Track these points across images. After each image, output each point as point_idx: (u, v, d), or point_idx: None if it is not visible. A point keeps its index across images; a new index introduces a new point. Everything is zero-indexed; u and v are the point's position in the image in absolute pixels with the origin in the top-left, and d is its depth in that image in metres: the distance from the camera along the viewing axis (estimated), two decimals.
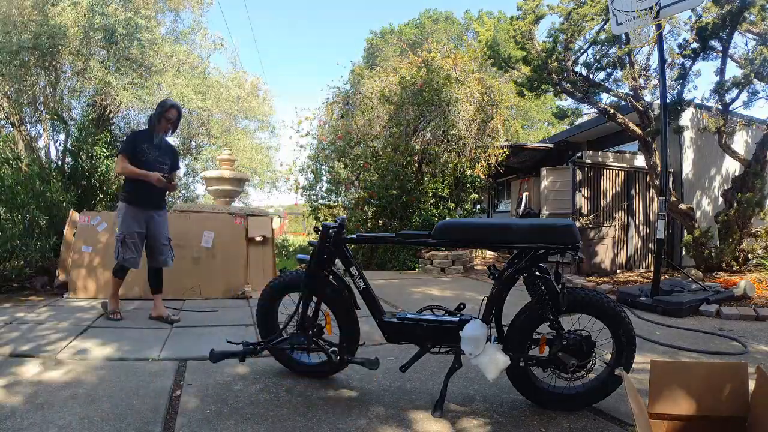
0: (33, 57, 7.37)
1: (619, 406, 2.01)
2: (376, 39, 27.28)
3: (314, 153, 9.31)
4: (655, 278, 4.38)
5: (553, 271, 1.96)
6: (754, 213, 5.68)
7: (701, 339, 3.24)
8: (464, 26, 26.66)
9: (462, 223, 2.31)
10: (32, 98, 8.31)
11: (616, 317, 1.94)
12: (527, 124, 23.80)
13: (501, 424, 1.90)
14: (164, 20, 11.25)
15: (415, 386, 2.29)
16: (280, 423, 1.85)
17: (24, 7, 7.80)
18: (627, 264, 7.28)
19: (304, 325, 2.24)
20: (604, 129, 8.31)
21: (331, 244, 2.19)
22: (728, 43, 5.62)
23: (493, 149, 8.61)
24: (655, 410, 1.37)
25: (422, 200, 7.97)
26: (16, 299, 4.15)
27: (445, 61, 8.55)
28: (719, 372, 1.39)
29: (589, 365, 1.96)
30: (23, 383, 2.19)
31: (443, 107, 8.03)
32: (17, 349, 2.67)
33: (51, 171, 5.72)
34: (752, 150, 5.91)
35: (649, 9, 4.30)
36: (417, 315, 2.17)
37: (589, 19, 6.06)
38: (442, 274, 6.78)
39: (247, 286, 4.67)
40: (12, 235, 4.42)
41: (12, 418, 1.83)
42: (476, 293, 4.89)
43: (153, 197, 3.49)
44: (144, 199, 3.44)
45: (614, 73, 6.60)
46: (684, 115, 6.67)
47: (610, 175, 7.28)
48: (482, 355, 1.90)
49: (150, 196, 3.46)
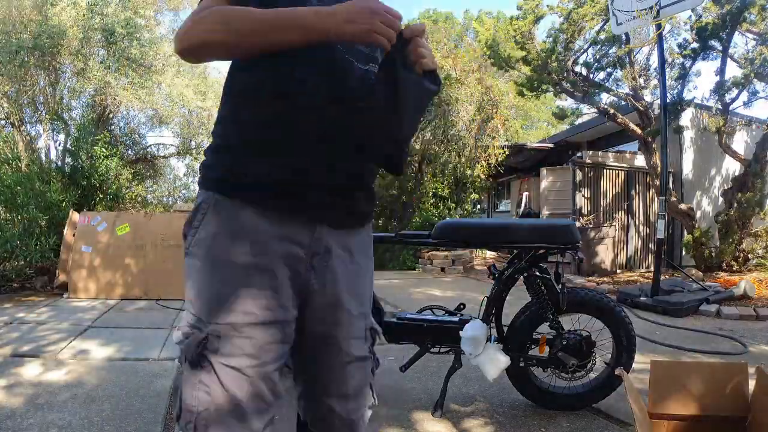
0: (33, 57, 7.36)
1: (619, 406, 2.01)
2: None
3: None
4: (655, 278, 4.38)
5: (553, 271, 1.96)
6: (754, 213, 5.68)
7: (701, 339, 3.24)
8: (464, 26, 26.65)
9: (462, 223, 2.31)
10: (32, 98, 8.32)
11: (616, 317, 1.94)
12: (527, 124, 23.80)
13: (501, 424, 1.90)
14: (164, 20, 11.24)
15: (415, 386, 2.29)
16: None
17: (24, 7, 7.80)
18: (627, 264, 7.27)
19: None
20: (604, 129, 8.31)
21: None
22: (728, 43, 5.62)
23: (493, 149, 8.61)
24: (655, 410, 1.37)
25: (422, 200, 7.97)
26: (16, 299, 4.15)
27: (445, 61, 8.54)
28: (719, 372, 1.39)
29: (589, 365, 1.96)
30: (24, 384, 2.19)
31: (443, 107, 8.03)
32: (18, 350, 2.67)
33: (51, 171, 5.72)
34: (752, 150, 5.91)
35: (649, 9, 4.30)
36: (417, 315, 2.17)
37: (589, 19, 6.07)
38: (442, 274, 6.78)
39: None
40: (12, 235, 4.42)
41: (12, 419, 1.83)
42: (476, 293, 4.88)
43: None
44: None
45: (614, 73, 6.61)
46: (684, 115, 6.66)
47: (610, 175, 7.28)
48: (482, 355, 1.90)
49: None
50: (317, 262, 0.87)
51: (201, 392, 0.77)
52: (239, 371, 0.77)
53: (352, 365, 0.93)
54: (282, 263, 0.82)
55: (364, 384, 0.96)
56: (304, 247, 0.85)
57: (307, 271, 0.86)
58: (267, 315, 0.80)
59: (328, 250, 0.88)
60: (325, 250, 0.87)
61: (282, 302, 0.82)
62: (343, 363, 0.92)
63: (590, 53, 6.59)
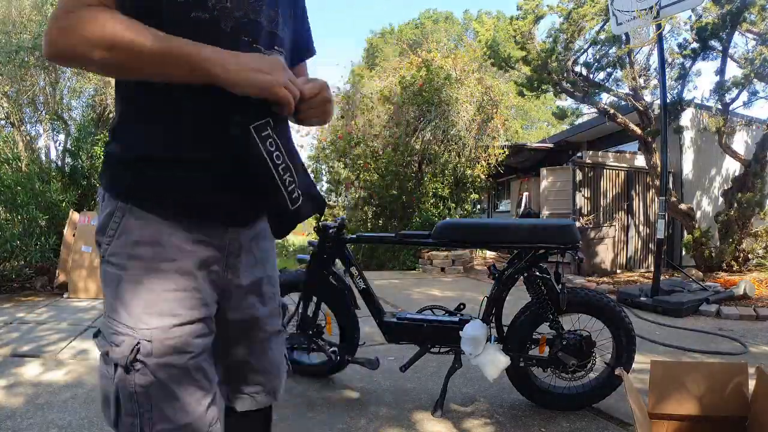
0: (33, 57, 7.36)
1: (619, 406, 2.01)
2: (376, 39, 27.28)
3: (314, 153, 9.32)
4: (655, 278, 4.38)
5: (553, 271, 1.96)
6: (754, 213, 5.68)
7: (701, 339, 3.24)
8: (464, 26, 26.67)
9: (462, 223, 2.31)
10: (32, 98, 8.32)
11: (616, 317, 1.94)
12: (527, 124, 23.82)
13: (501, 424, 1.90)
14: None
15: (415, 386, 2.29)
16: (280, 423, 1.85)
17: (23, 8, 7.80)
18: (627, 264, 7.27)
19: (304, 325, 2.24)
20: (604, 129, 8.31)
21: (331, 244, 2.19)
22: (728, 43, 5.62)
23: (493, 149, 8.61)
24: (655, 410, 1.37)
25: (422, 200, 7.98)
26: (16, 299, 4.15)
27: (445, 61, 8.55)
28: (719, 372, 1.39)
29: (589, 365, 1.96)
30: (24, 384, 2.19)
31: (443, 107, 8.03)
32: (18, 350, 2.67)
33: (51, 171, 5.72)
34: (752, 150, 5.91)
35: (649, 9, 4.30)
36: (417, 315, 2.17)
37: (589, 19, 6.07)
38: (442, 274, 6.78)
39: None
40: (12, 235, 4.42)
41: (12, 419, 1.83)
42: (476, 293, 4.88)
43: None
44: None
45: (614, 73, 6.61)
46: (684, 115, 6.67)
47: (610, 175, 7.28)
48: (482, 355, 1.90)
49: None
50: (232, 260, 0.93)
51: (139, 396, 0.80)
52: (174, 367, 0.81)
53: (272, 340, 1.03)
54: (200, 265, 0.86)
55: (282, 354, 1.07)
56: (219, 248, 0.90)
57: (224, 269, 0.92)
58: (193, 314, 0.84)
59: (241, 246, 0.94)
60: (238, 248, 0.93)
61: (205, 301, 0.87)
62: (264, 340, 1.01)
63: (590, 53, 6.60)
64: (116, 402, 0.82)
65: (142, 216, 0.82)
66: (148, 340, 0.80)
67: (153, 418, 0.81)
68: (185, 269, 0.84)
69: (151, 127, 0.82)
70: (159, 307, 0.81)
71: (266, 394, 1.05)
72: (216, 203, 0.86)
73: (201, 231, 0.86)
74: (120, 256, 0.82)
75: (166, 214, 0.83)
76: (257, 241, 0.99)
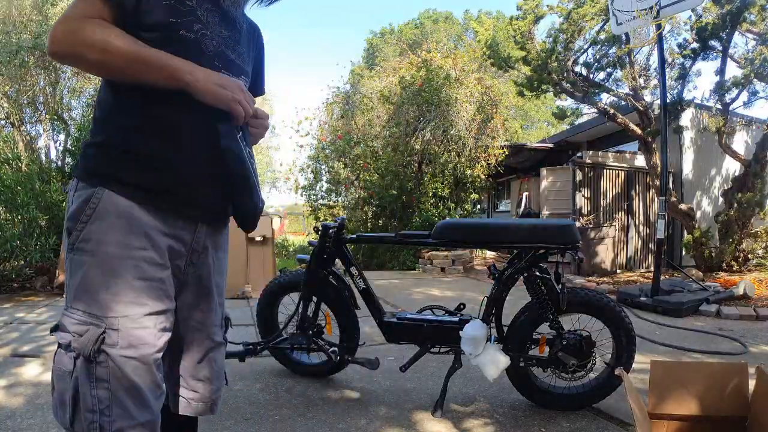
0: (33, 57, 7.36)
1: (619, 406, 2.01)
2: (376, 39, 27.28)
3: (314, 153, 9.32)
4: (655, 278, 4.38)
5: (553, 271, 1.96)
6: (754, 213, 5.68)
7: (701, 339, 3.24)
8: (464, 26, 26.66)
9: (462, 223, 2.31)
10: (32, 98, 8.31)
11: (616, 317, 1.94)
12: (527, 124, 23.81)
13: (501, 424, 1.90)
14: None
15: (415, 386, 2.29)
16: (280, 423, 1.84)
17: (24, 7, 7.80)
18: (627, 264, 7.28)
19: (304, 325, 2.24)
20: (604, 129, 8.31)
21: (331, 244, 2.19)
22: (728, 43, 5.62)
23: (493, 149, 8.61)
24: (655, 410, 1.37)
25: (422, 200, 7.98)
26: (16, 299, 4.16)
27: (445, 61, 8.55)
28: (719, 372, 1.39)
29: (589, 365, 1.96)
30: (24, 384, 2.19)
31: (443, 107, 8.03)
32: (18, 350, 2.67)
33: (51, 171, 5.72)
34: (752, 150, 5.91)
35: (649, 9, 4.30)
36: (417, 315, 2.17)
37: (589, 19, 6.06)
38: (442, 274, 6.78)
39: (247, 286, 4.67)
40: (12, 235, 4.42)
41: (12, 419, 1.83)
42: (476, 293, 4.88)
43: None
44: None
45: (614, 73, 6.60)
46: (684, 115, 6.67)
47: (610, 175, 7.28)
48: (482, 355, 1.90)
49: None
50: (195, 258, 0.99)
51: (100, 390, 0.79)
52: (139, 360, 0.81)
53: (215, 350, 1.06)
54: (168, 257, 0.91)
55: (222, 367, 1.09)
56: (186, 244, 0.96)
57: (186, 265, 0.97)
58: (159, 305, 0.87)
59: (205, 248, 1.01)
60: (202, 248, 1.00)
61: (168, 293, 0.90)
62: (208, 348, 1.04)
63: (590, 53, 6.59)
64: (73, 400, 0.80)
65: (119, 202, 0.85)
66: (114, 329, 0.80)
67: (113, 415, 0.79)
68: (155, 260, 0.87)
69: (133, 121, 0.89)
70: (128, 296, 0.82)
71: (203, 404, 1.04)
72: (192, 196, 0.93)
73: (175, 224, 0.92)
74: (91, 242, 0.84)
75: (143, 202, 0.87)
76: (217, 250, 1.05)
